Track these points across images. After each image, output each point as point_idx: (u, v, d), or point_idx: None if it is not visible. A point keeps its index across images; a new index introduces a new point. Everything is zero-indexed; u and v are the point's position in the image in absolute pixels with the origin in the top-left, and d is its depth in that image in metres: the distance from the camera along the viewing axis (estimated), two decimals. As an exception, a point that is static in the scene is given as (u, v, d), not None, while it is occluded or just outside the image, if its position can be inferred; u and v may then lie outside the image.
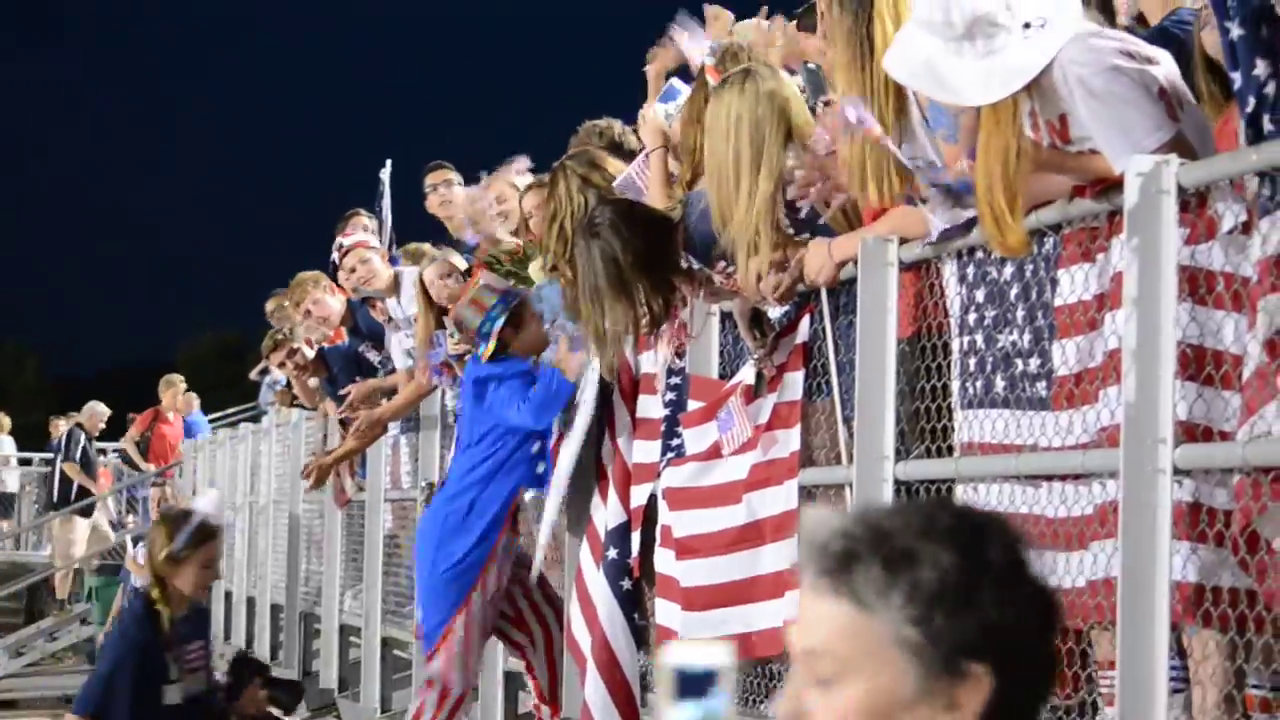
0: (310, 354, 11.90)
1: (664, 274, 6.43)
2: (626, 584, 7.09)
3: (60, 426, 25.19)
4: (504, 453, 8.06)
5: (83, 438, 23.23)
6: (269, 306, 13.44)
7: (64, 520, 22.93)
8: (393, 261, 11.07)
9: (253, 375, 18.77)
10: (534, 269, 8.40)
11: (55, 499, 23.28)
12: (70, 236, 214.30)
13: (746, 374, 6.23)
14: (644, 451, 7.06)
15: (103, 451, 25.62)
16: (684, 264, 6.40)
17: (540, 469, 8.03)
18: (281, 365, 12.18)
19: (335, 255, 10.91)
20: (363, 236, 11.20)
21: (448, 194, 10.75)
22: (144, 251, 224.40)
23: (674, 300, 6.54)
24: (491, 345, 8.02)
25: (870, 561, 2.18)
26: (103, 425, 24.26)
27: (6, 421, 27.23)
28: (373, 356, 11.37)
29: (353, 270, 10.72)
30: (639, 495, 7.01)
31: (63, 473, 22.88)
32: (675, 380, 6.94)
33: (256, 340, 16.55)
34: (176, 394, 23.02)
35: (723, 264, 6.16)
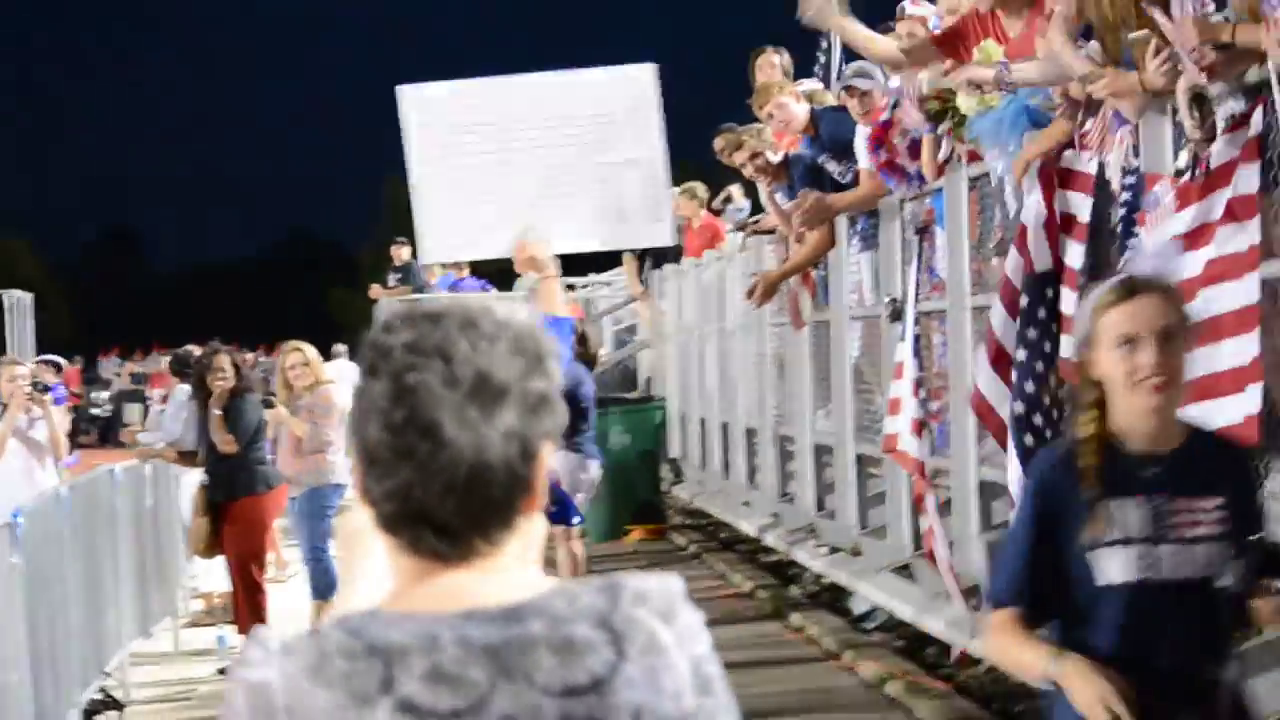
0: (775, 158, 12.04)
1: None
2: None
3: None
4: None
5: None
6: (717, 144, 13.66)
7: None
8: None
9: (715, 204, 19.06)
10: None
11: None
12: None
13: (1181, 159, 6.19)
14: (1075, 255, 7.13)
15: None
16: None
17: None
18: (743, 166, 12.37)
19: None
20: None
21: None
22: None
23: None
24: None
25: None
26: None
27: None
28: (833, 168, 11.45)
29: (770, 116, 11.09)
30: (1067, 302, 7.07)
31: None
32: (1130, 180, 6.89)
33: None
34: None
35: None
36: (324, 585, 11.99)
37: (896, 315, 10.17)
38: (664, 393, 20.12)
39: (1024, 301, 7.36)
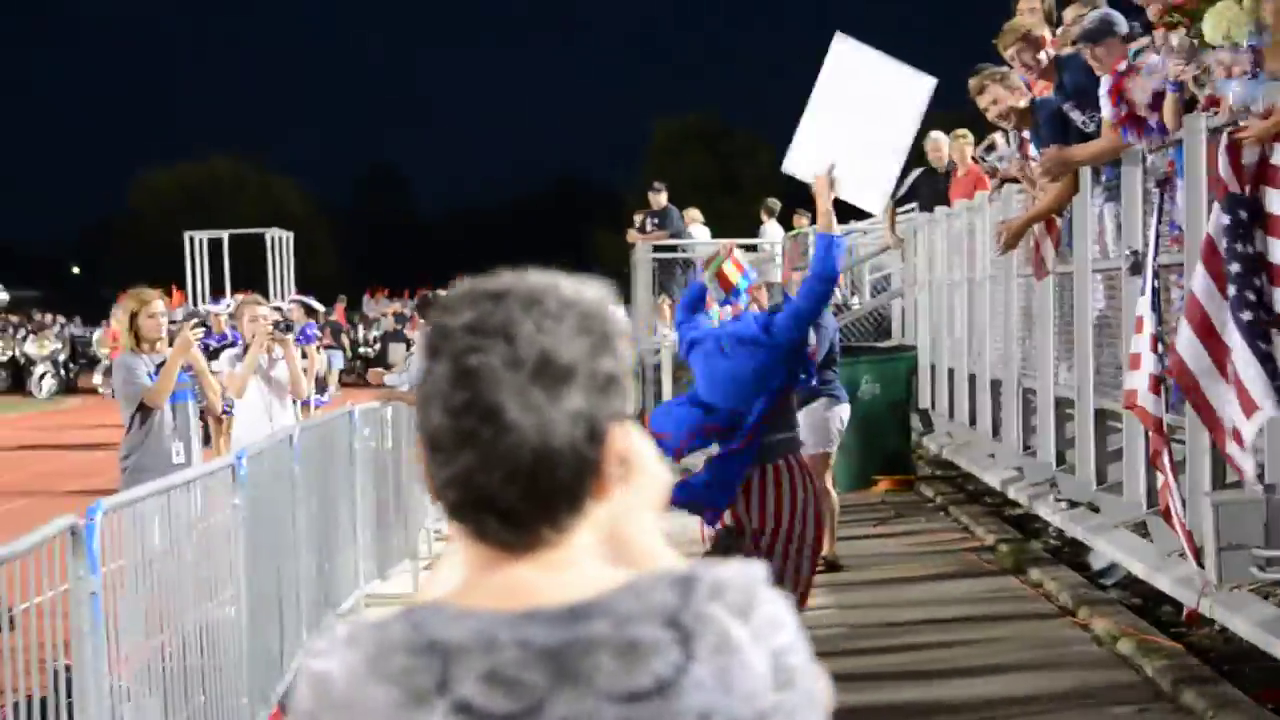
0: (1020, 103, 11.81)
1: None
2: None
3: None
4: None
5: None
6: (971, 86, 13.48)
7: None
8: None
9: (977, 153, 18.82)
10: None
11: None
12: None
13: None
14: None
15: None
16: None
17: None
18: (985, 110, 12.16)
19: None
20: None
21: None
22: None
23: None
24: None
25: None
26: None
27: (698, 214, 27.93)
28: (1076, 116, 11.24)
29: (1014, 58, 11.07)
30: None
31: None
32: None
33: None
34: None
35: None
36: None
37: (1136, 269, 9.99)
38: (915, 342, 19.99)
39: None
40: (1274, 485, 7.99)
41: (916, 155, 18.63)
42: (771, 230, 27.66)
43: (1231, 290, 7.58)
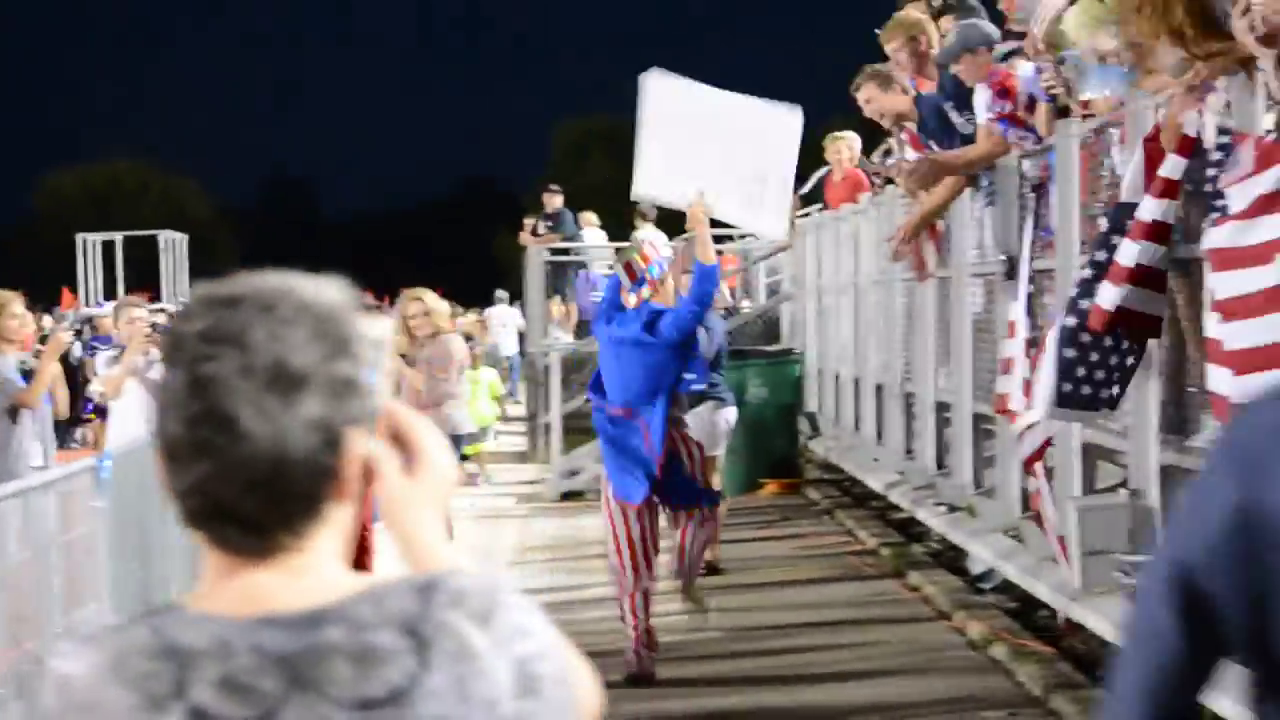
0: (900, 105, 11.79)
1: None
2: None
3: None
4: None
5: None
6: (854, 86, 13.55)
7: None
8: None
9: (875, 156, 18.82)
10: None
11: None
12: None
13: (1267, 121, 6.02)
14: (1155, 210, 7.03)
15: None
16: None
17: None
18: (865, 106, 12.14)
19: None
20: None
21: None
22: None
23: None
24: None
25: None
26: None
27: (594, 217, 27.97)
28: (955, 117, 11.27)
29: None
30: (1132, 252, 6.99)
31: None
32: (1224, 139, 6.72)
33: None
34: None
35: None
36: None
37: (1011, 273, 10.03)
38: (804, 345, 20.02)
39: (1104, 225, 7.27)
40: (1139, 490, 8.03)
41: (817, 156, 18.62)
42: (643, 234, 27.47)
43: (1073, 292, 7.60)
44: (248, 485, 1.90)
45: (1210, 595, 2.19)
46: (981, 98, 10.35)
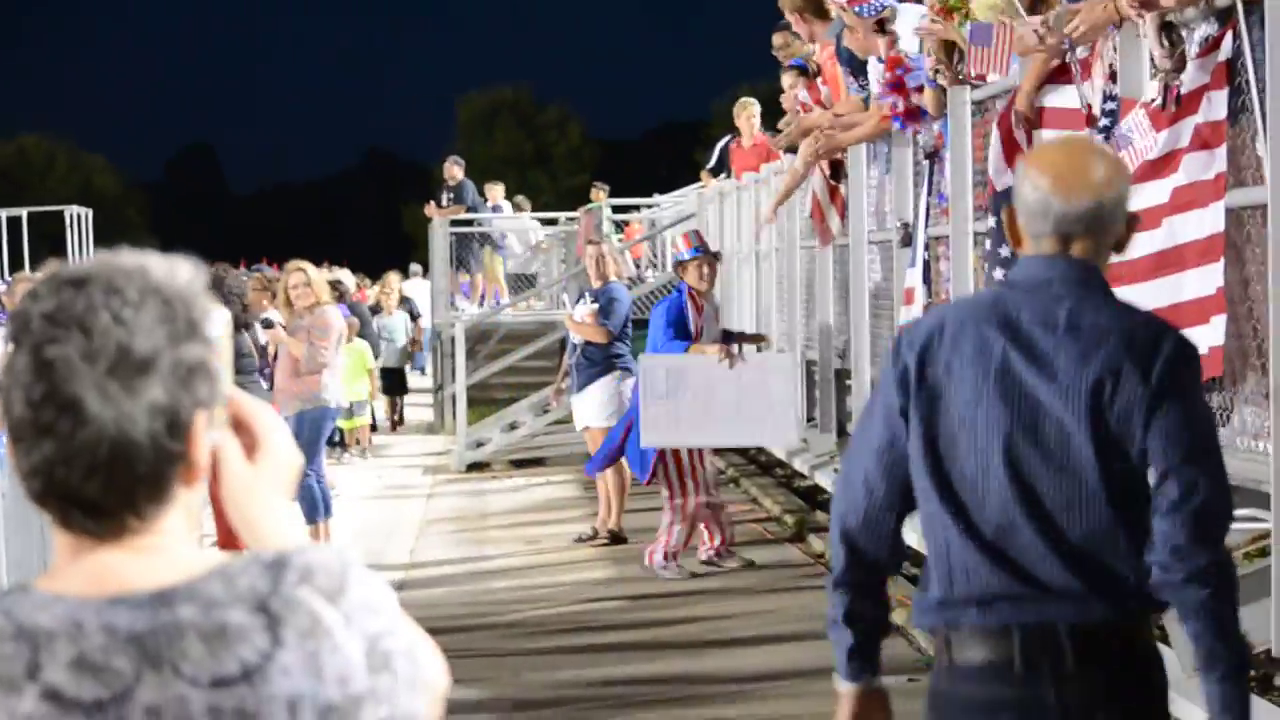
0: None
1: None
2: None
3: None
4: None
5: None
6: (775, 40, 13.63)
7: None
8: None
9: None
10: None
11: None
12: None
13: (1150, 89, 6.06)
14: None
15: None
16: None
17: None
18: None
19: None
20: None
21: None
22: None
23: None
24: None
25: None
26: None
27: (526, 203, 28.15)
28: (851, 83, 11.34)
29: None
30: None
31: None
32: (1110, 106, 6.77)
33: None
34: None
35: None
36: (312, 509, 12.01)
37: (907, 240, 10.07)
38: (709, 315, 20.02)
39: (992, 221, 7.29)
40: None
41: (727, 124, 18.64)
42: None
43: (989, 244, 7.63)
44: (90, 469, 1.90)
45: (903, 409, 3.76)
46: (874, 70, 10.39)
